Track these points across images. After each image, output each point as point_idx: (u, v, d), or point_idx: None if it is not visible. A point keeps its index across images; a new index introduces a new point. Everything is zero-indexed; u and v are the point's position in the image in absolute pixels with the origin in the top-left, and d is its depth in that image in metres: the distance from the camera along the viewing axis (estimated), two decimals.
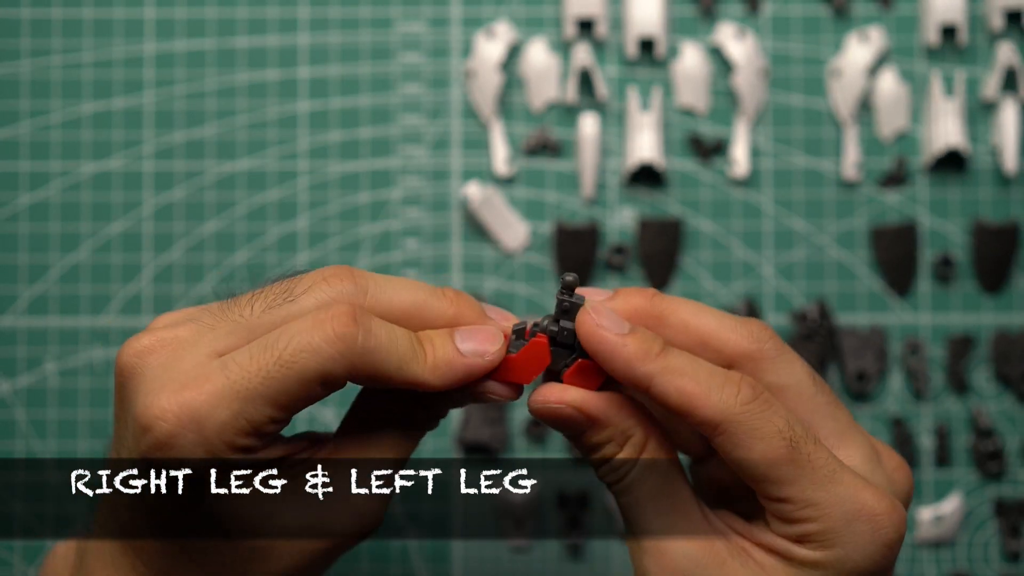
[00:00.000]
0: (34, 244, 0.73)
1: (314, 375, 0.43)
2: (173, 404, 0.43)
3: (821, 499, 0.44)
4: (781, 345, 0.48)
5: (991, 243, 0.73)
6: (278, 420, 0.44)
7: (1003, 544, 0.72)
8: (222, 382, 0.43)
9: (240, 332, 0.44)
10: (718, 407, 0.44)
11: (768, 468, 0.44)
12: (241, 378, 0.43)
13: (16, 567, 0.71)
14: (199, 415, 0.43)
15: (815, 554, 0.45)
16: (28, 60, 0.74)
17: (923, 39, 0.74)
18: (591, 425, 0.45)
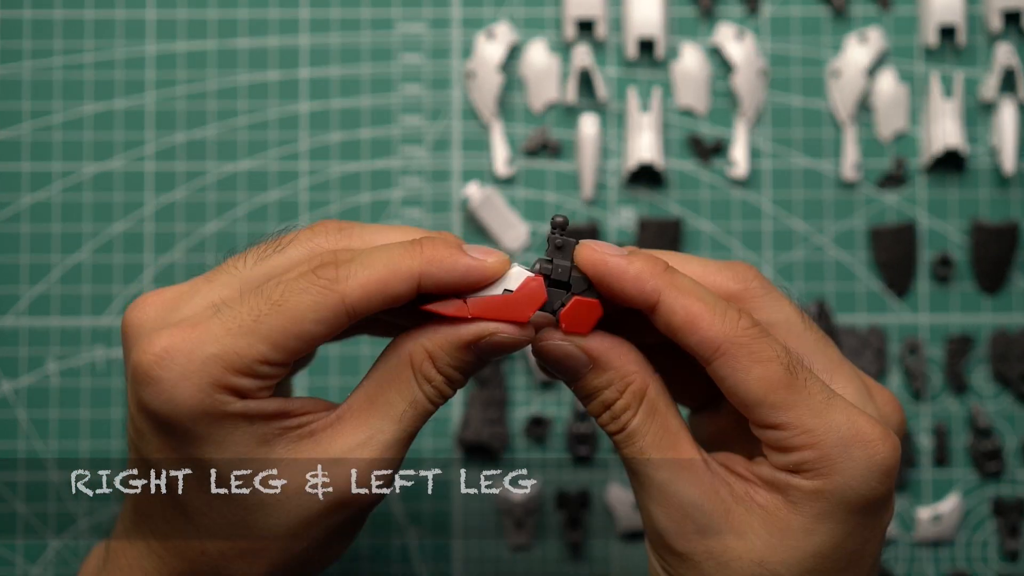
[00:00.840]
0: (36, 244, 0.73)
1: (305, 309, 0.44)
2: (164, 340, 0.44)
3: (816, 426, 0.45)
4: (768, 284, 0.49)
5: (990, 243, 0.73)
6: (271, 361, 0.44)
7: (1002, 543, 0.72)
8: (215, 322, 0.44)
9: (235, 284, 0.46)
10: (720, 328, 0.45)
11: (765, 392, 0.45)
12: (232, 317, 0.44)
13: (18, 567, 0.72)
14: (187, 348, 0.44)
15: (814, 483, 0.45)
16: (30, 61, 0.74)
17: (922, 40, 0.74)
18: (592, 366, 0.46)
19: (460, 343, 0.45)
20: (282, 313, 0.44)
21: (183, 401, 0.43)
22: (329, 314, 0.44)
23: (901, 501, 0.72)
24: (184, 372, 0.43)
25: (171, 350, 0.44)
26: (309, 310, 0.44)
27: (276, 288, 0.44)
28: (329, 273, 0.44)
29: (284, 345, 0.44)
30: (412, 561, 0.72)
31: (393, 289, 0.44)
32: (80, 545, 0.72)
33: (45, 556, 0.72)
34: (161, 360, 0.44)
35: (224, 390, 0.44)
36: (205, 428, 0.44)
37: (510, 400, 0.73)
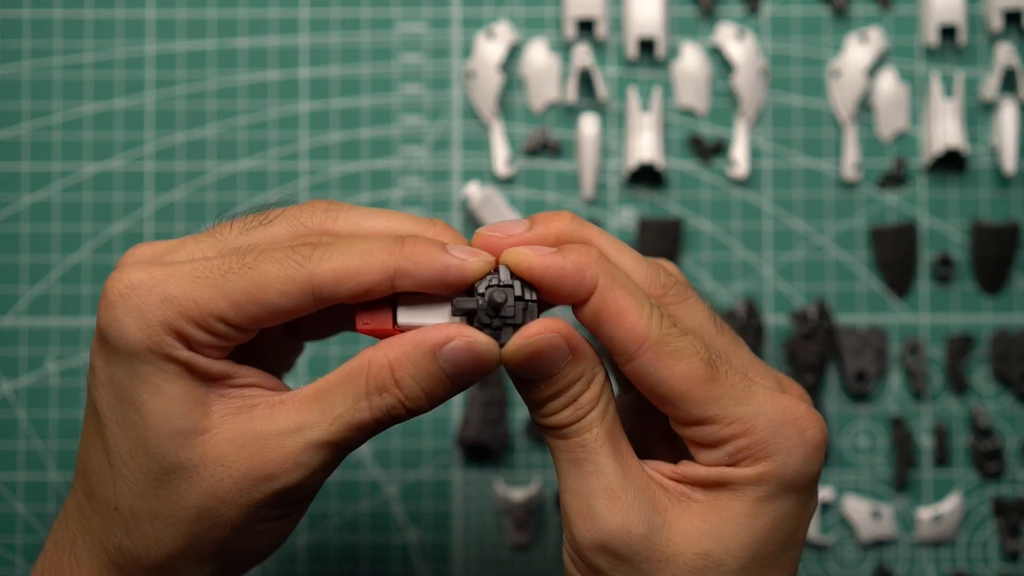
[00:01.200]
0: (35, 244, 0.73)
1: (272, 279, 0.44)
2: (133, 274, 0.45)
3: (744, 413, 0.45)
4: (686, 288, 0.49)
5: (990, 243, 0.73)
6: (227, 319, 0.44)
7: (1002, 543, 0.72)
8: (183, 268, 0.45)
9: (218, 248, 0.47)
10: (646, 325, 0.44)
11: (690, 387, 0.45)
12: (201, 268, 0.45)
13: (18, 567, 0.72)
14: (150, 284, 0.45)
15: (752, 470, 0.45)
16: (29, 61, 0.74)
17: (922, 40, 0.74)
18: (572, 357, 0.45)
19: (426, 347, 0.44)
20: (249, 276, 0.44)
21: (132, 332, 0.44)
22: (294, 288, 0.44)
23: (902, 501, 0.72)
24: (141, 304, 0.44)
25: (135, 282, 0.45)
26: (276, 280, 0.44)
27: (251, 254, 0.45)
28: (304, 251, 0.45)
29: (243, 307, 0.44)
30: (412, 561, 0.72)
31: (364, 279, 0.44)
32: None
33: None
34: (124, 289, 0.45)
35: (173, 333, 0.44)
36: (146, 367, 0.44)
37: (510, 400, 0.73)
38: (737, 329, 0.72)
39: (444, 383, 0.45)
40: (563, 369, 0.45)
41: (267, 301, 0.44)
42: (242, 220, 0.48)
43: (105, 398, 0.46)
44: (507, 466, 0.73)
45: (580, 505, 0.46)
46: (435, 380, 0.45)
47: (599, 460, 0.45)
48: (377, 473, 0.72)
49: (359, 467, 0.72)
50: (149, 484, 0.45)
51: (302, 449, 0.45)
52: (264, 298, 0.44)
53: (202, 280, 0.44)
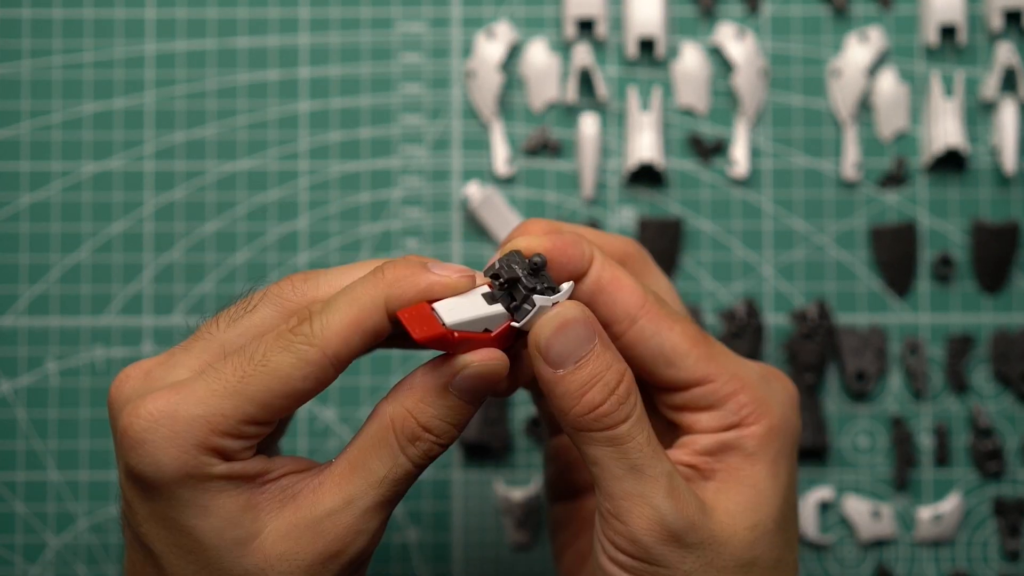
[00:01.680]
0: (35, 244, 0.73)
1: (290, 368, 0.44)
2: (149, 404, 0.44)
3: (739, 370, 0.48)
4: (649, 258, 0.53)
5: (990, 243, 0.73)
6: (257, 420, 0.44)
7: (1002, 543, 0.72)
8: (200, 384, 0.44)
9: (212, 348, 0.46)
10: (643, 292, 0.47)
11: (689, 346, 0.47)
12: (216, 379, 0.44)
13: (17, 566, 0.72)
14: (172, 410, 0.44)
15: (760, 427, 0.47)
16: (29, 60, 0.74)
17: (922, 39, 0.74)
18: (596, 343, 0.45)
19: (437, 387, 0.45)
20: (267, 372, 0.44)
21: (168, 463, 0.43)
22: (314, 369, 0.44)
23: (902, 501, 0.72)
24: (169, 434, 0.43)
25: (156, 413, 0.44)
26: (294, 368, 0.44)
27: (258, 349, 0.45)
28: (305, 329, 0.44)
29: (270, 404, 0.44)
30: (412, 560, 0.72)
31: (367, 325, 0.44)
32: (79, 545, 0.72)
33: (44, 556, 0.72)
34: (146, 423, 0.44)
35: (209, 451, 0.44)
36: (189, 492, 0.44)
37: (510, 400, 0.73)
38: (737, 329, 0.72)
39: (466, 409, 0.46)
40: (590, 354, 0.45)
41: (292, 391, 0.44)
42: (225, 313, 0.47)
43: (153, 532, 0.45)
44: (507, 466, 0.73)
45: (641, 507, 0.45)
46: (456, 411, 0.46)
47: (654, 463, 0.45)
48: None
49: None
50: None
51: (358, 520, 0.45)
52: (289, 389, 0.44)
53: (222, 392, 0.44)
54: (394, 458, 0.45)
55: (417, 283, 0.45)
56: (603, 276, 0.46)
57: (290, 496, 0.46)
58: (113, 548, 0.72)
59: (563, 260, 0.46)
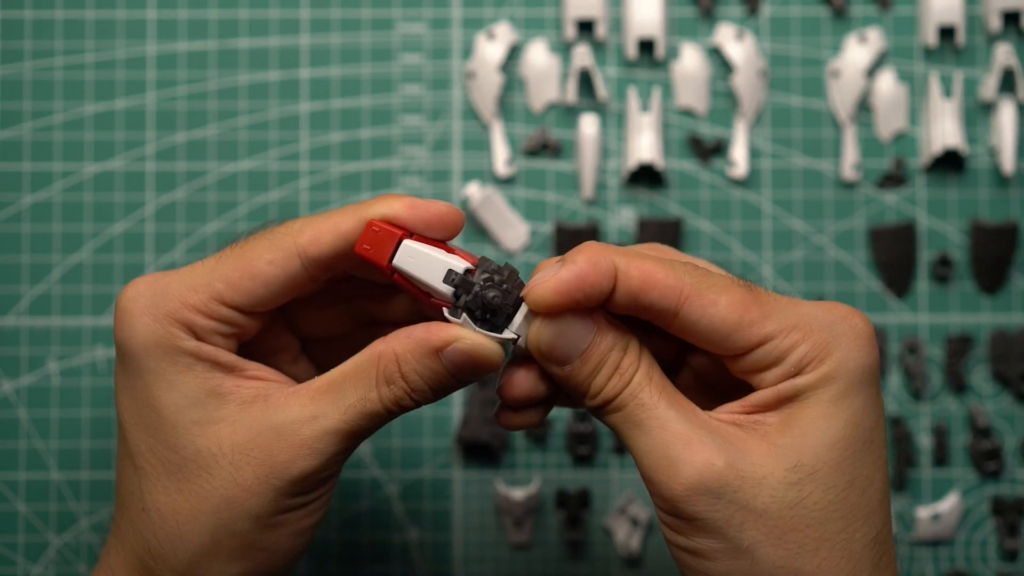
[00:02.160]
0: (36, 244, 0.73)
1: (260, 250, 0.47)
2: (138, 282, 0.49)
3: (798, 320, 0.46)
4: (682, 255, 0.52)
5: (989, 243, 0.73)
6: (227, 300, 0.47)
7: (1001, 543, 0.72)
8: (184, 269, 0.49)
9: None
10: (676, 277, 0.46)
11: (740, 314, 0.46)
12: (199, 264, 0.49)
13: (19, 566, 0.72)
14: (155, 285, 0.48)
15: (820, 371, 0.46)
16: (31, 61, 0.74)
17: (921, 40, 0.74)
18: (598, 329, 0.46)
19: (429, 347, 0.46)
20: (238, 255, 0.48)
21: (139, 330, 0.47)
22: (280, 254, 0.47)
23: (901, 500, 0.72)
24: (145, 304, 0.47)
25: (141, 286, 0.48)
26: (264, 250, 0.47)
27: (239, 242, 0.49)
28: (287, 225, 0.48)
29: (238, 284, 0.47)
30: (412, 560, 0.72)
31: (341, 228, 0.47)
32: (81, 544, 0.72)
33: (46, 555, 0.72)
34: (131, 294, 0.48)
35: (178, 324, 0.47)
36: (156, 362, 0.47)
37: None
38: None
39: (447, 379, 0.47)
40: (594, 342, 0.46)
41: (259, 272, 0.47)
42: None
43: (123, 404, 0.48)
44: (507, 466, 0.73)
45: (658, 461, 0.46)
46: (438, 377, 0.47)
47: (660, 413, 0.46)
48: (377, 472, 0.73)
49: (359, 466, 0.72)
50: (171, 478, 0.47)
51: (317, 436, 0.47)
52: (255, 270, 0.47)
53: (199, 270, 0.48)
54: (367, 390, 0.47)
55: (400, 198, 0.47)
56: (632, 282, 0.46)
57: (261, 396, 0.48)
58: None
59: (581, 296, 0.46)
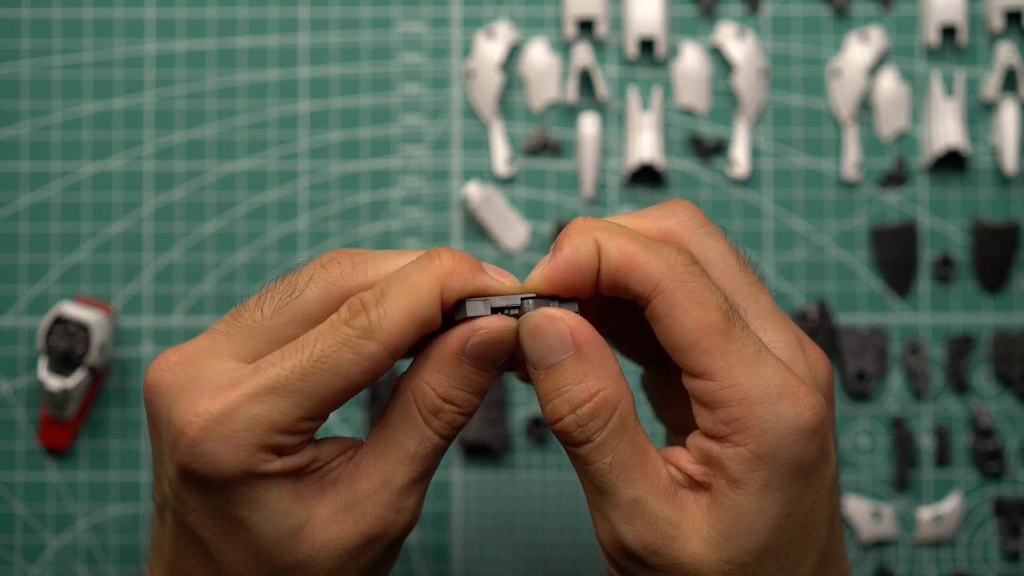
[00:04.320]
0: (34, 244, 0.73)
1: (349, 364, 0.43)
2: (205, 402, 0.43)
3: (744, 380, 0.44)
4: (704, 220, 0.49)
5: (991, 243, 0.73)
6: (315, 416, 0.44)
7: (1003, 544, 0.72)
8: (256, 381, 0.44)
9: (258, 336, 0.46)
10: (658, 266, 0.44)
11: (700, 335, 0.44)
12: (274, 376, 0.44)
13: (17, 567, 0.72)
14: (230, 410, 0.43)
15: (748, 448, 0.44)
16: (28, 60, 0.74)
17: (923, 39, 0.74)
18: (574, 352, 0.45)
19: (451, 357, 0.45)
20: (327, 370, 0.43)
21: (225, 462, 0.43)
22: (373, 363, 0.44)
23: (902, 501, 0.72)
24: (227, 433, 0.43)
25: (213, 412, 0.43)
26: (353, 364, 0.43)
27: (315, 343, 0.44)
28: (362, 322, 0.44)
29: (329, 400, 0.44)
30: (412, 560, 0.72)
31: (424, 315, 0.44)
32: (79, 545, 0.72)
33: (44, 556, 0.72)
34: (204, 422, 0.43)
35: (268, 450, 0.44)
36: (244, 488, 0.44)
37: (510, 400, 0.73)
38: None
39: (481, 376, 0.46)
40: (563, 363, 0.45)
41: (351, 386, 0.44)
42: (269, 297, 0.46)
43: (203, 522, 0.45)
44: (507, 466, 0.73)
45: (603, 521, 0.46)
46: (472, 379, 0.46)
47: (618, 489, 0.45)
48: None
49: None
50: None
51: (396, 497, 0.46)
52: (347, 385, 0.44)
53: (281, 390, 0.43)
54: (421, 432, 0.46)
55: (473, 282, 0.45)
56: (611, 262, 0.44)
57: (330, 482, 0.46)
58: (112, 549, 0.72)
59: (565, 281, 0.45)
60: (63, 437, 0.71)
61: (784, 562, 0.45)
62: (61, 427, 0.70)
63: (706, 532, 0.45)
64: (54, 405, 0.70)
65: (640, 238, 0.45)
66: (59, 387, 0.68)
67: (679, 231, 0.48)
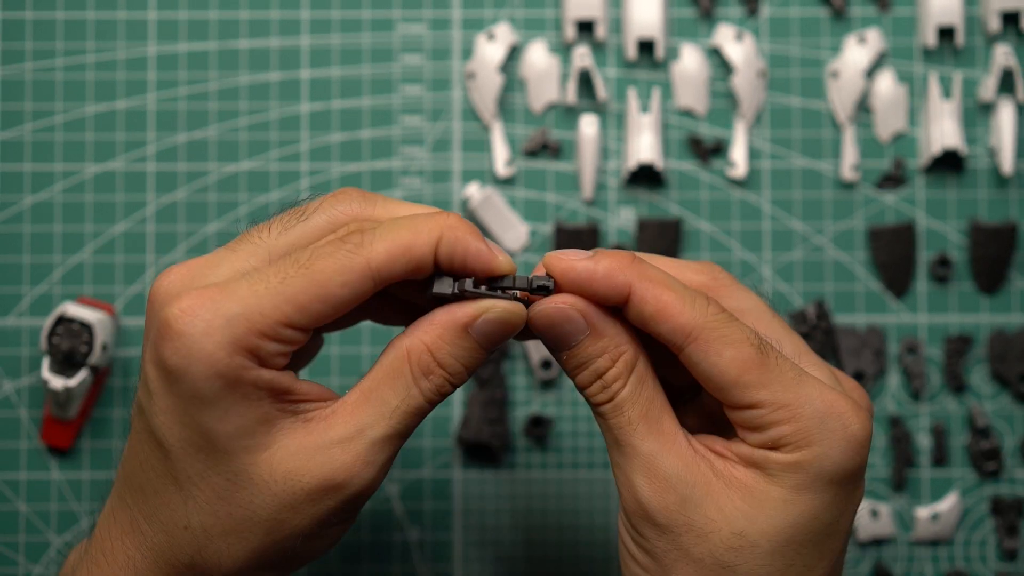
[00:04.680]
0: (37, 244, 0.73)
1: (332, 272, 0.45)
2: (191, 298, 0.44)
3: (791, 400, 0.46)
4: (734, 279, 0.51)
5: (988, 243, 0.73)
6: (294, 323, 0.45)
7: (1000, 542, 0.73)
8: (242, 284, 0.45)
9: (260, 253, 0.47)
10: (691, 315, 0.46)
11: (739, 373, 0.46)
12: (259, 279, 0.45)
13: (20, 565, 0.72)
14: (213, 306, 0.44)
15: (792, 456, 0.46)
16: (31, 62, 0.74)
17: (920, 41, 0.74)
18: (589, 332, 0.47)
19: (458, 326, 0.46)
20: (308, 275, 0.45)
21: (203, 357, 0.44)
22: (355, 276, 0.45)
23: (900, 500, 0.73)
24: (208, 328, 0.44)
25: (197, 307, 0.44)
26: (335, 272, 0.45)
27: (303, 253, 0.45)
28: (354, 239, 0.45)
29: (308, 307, 0.45)
30: (412, 560, 0.72)
31: (416, 252, 0.45)
32: None
33: (47, 555, 0.72)
34: (186, 315, 0.44)
35: (244, 352, 0.44)
36: (215, 392, 0.44)
37: (510, 400, 0.73)
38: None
39: (479, 353, 0.47)
40: (582, 343, 0.47)
41: (330, 295, 0.45)
42: (278, 219, 0.48)
43: (167, 426, 0.46)
44: (507, 466, 0.73)
45: (623, 478, 0.48)
46: (471, 353, 0.47)
47: (635, 442, 0.47)
48: None
49: None
50: (222, 502, 0.46)
51: (367, 449, 0.46)
52: (327, 293, 0.45)
53: (263, 291, 0.44)
54: (407, 389, 0.47)
55: (469, 244, 0.46)
56: (645, 308, 0.46)
57: (303, 420, 0.46)
58: None
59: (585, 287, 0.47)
60: (66, 436, 0.71)
61: (794, 561, 0.47)
62: (64, 426, 0.71)
63: (726, 504, 0.46)
64: (57, 405, 0.70)
65: (674, 284, 0.47)
66: (62, 387, 0.69)
67: (712, 285, 0.50)
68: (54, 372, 0.69)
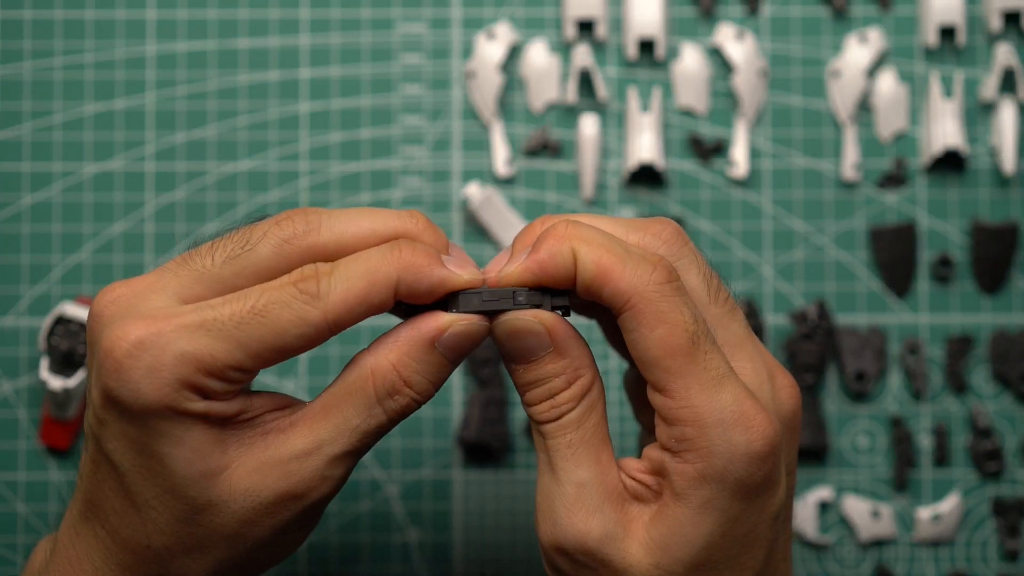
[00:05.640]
0: (36, 244, 0.73)
1: (288, 324, 0.44)
2: (138, 330, 0.43)
3: (702, 403, 0.44)
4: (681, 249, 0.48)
5: (990, 243, 0.73)
6: (244, 368, 0.44)
7: (1001, 543, 0.72)
8: (191, 319, 0.44)
9: (204, 282, 0.46)
10: (631, 281, 0.44)
11: (663, 354, 0.44)
12: (212, 319, 0.44)
13: (19, 566, 0.72)
14: (161, 341, 0.43)
15: (693, 467, 0.45)
16: (30, 61, 0.74)
17: (922, 40, 0.74)
18: (552, 350, 0.46)
19: (424, 342, 0.46)
20: (264, 324, 0.44)
21: (148, 393, 0.43)
22: (311, 330, 0.44)
23: (901, 501, 0.72)
24: (154, 364, 0.43)
25: (144, 340, 0.43)
26: (292, 325, 0.44)
27: (259, 297, 0.44)
28: (310, 287, 0.44)
29: (261, 356, 0.44)
30: (412, 560, 0.72)
31: (373, 299, 0.45)
32: None
33: None
34: (134, 348, 0.43)
35: (190, 388, 0.44)
36: (163, 423, 0.44)
37: (510, 400, 0.73)
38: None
39: (446, 368, 0.47)
40: (542, 359, 0.46)
41: (285, 346, 0.44)
42: (220, 244, 0.47)
43: (121, 451, 0.45)
44: (507, 466, 0.73)
45: (544, 505, 0.47)
46: (438, 369, 0.46)
47: (568, 468, 0.46)
48: (377, 473, 0.72)
49: (359, 467, 0.72)
50: (181, 524, 0.46)
51: (325, 465, 0.46)
52: (283, 344, 0.44)
53: (215, 332, 0.44)
54: (369, 409, 0.46)
55: (430, 276, 0.45)
56: (587, 272, 0.45)
57: (260, 434, 0.46)
58: None
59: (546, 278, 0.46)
60: (64, 437, 0.71)
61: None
62: (63, 427, 0.71)
63: (643, 536, 0.45)
64: (55, 405, 0.70)
65: (618, 248, 0.45)
66: (60, 387, 0.68)
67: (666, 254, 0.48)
68: (53, 372, 0.69)
